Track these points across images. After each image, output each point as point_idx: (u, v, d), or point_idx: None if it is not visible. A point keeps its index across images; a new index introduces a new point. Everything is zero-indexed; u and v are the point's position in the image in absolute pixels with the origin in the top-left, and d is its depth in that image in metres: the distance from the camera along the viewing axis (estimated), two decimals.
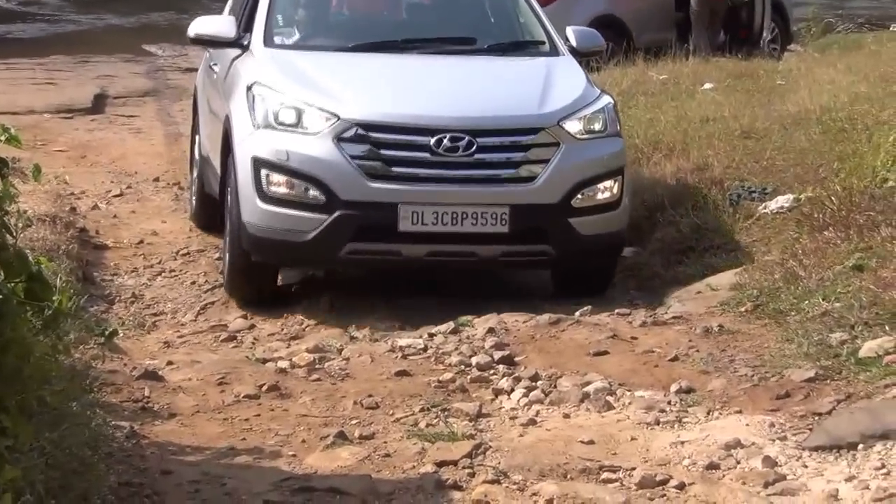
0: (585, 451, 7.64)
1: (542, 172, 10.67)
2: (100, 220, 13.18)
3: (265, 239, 10.65)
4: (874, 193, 10.91)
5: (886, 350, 8.60)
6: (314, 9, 13.15)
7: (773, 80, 17.22)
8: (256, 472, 7.70)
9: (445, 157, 10.57)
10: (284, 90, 10.97)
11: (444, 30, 12.65)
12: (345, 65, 11.81)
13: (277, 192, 10.60)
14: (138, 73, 20.76)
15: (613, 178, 11.05)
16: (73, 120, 17.45)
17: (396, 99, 11.08)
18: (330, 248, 10.60)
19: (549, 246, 10.77)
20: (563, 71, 11.86)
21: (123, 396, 8.75)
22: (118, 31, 24.45)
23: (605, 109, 11.26)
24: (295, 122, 10.70)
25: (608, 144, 11.18)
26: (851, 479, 7.19)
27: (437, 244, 10.61)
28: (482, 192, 10.66)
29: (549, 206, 10.66)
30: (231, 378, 9.14)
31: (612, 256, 11.41)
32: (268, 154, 10.60)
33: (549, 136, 10.80)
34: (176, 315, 10.70)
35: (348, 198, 10.44)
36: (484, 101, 11.24)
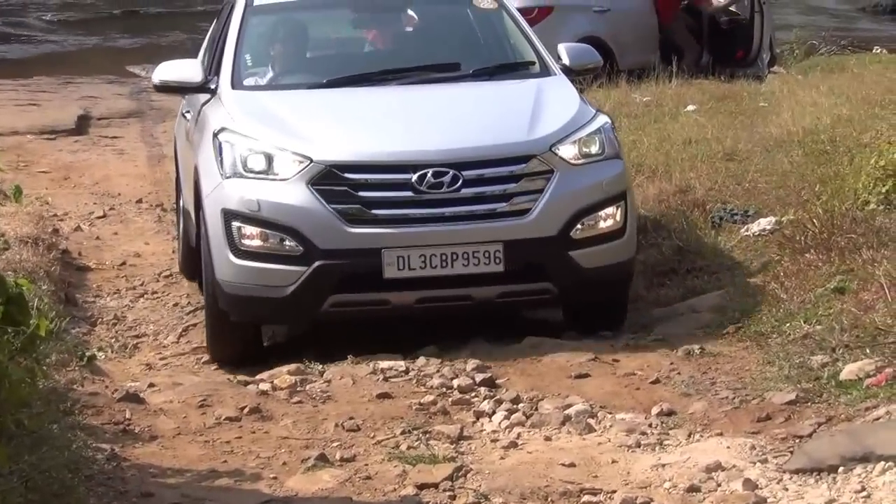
0: (566, 474, 7.65)
1: (537, 204, 9.87)
2: (82, 241, 13.19)
3: (242, 297, 9.93)
4: (856, 216, 10.94)
5: (867, 373, 8.62)
6: (285, 46, 12.16)
7: (755, 103, 17.25)
8: (237, 494, 7.71)
9: (430, 194, 9.81)
10: (253, 134, 10.21)
11: (426, 56, 11.85)
12: (318, 103, 11.08)
13: (251, 245, 9.87)
14: (122, 95, 20.77)
15: (615, 204, 10.21)
16: (56, 141, 17.45)
17: (371, 135, 10.31)
18: (311, 302, 9.89)
19: (549, 283, 10.02)
20: (554, 92, 11.02)
21: (104, 419, 8.75)
22: (102, 53, 24.46)
23: (602, 130, 10.43)
24: (265, 169, 9.96)
25: (607, 168, 10.31)
26: (832, 503, 7.21)
27: (427, 290, 9.86)
28: (472, 230, 9.84)
29: (546, 239, 9.88)
30: (212, 400, 9.14)
31: (620, 289, 10.57)
32: (238, 205, 9.86)
33: (541, 164, 9.99)
34: (158, 337, 10.70)
35: (327, 246, 9.74)
36: (468, 130, 10.43)
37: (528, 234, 9.83)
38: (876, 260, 9.95)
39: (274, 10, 12.22)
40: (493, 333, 10.19)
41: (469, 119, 10.69)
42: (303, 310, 10.01)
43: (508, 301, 10.09)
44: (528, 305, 10.61)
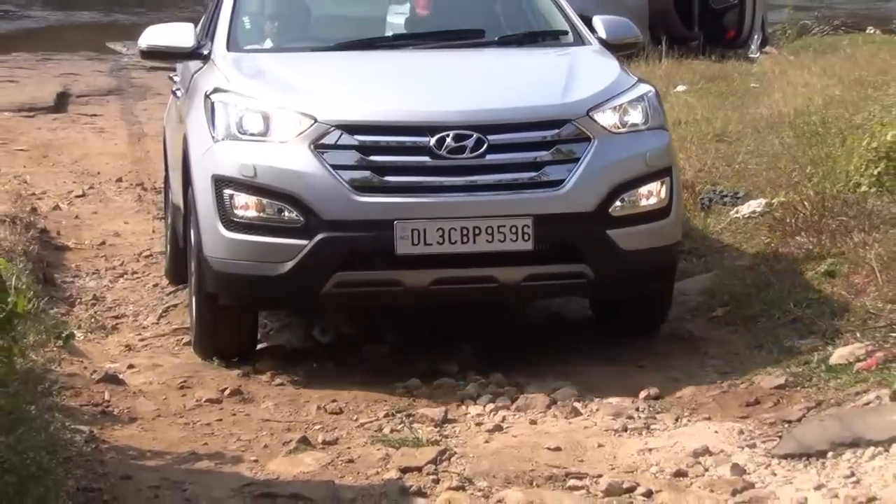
0: (552, 458, 7.65)
1: (572, 174, 8.75)
2: (61, 220, 13.19)
3: (233, 275, 8.90)
4: (847, 198, 10.97)
5: (857, 357, 8.64)
6: (287, 10, 11.26)
7: (746, 83, 17.31)
8: (217, 477, 7.71)
9: (449, 160, 8.70)
10: (250, 93, 9.17)
11: (446, 22, 10.86)
12: (324, 64, 10.08)
13: (245, 216, 8.79)
14: (102, 72, 20.78)
15: (660, 179, 9.13)
16: (34, 119, 17.46)
17: (385, 94, 9.25)
18: (312, 281, 8.73)
19: (584, 266, 8.83)
20: (590, 59, 10.05)
21: (83, 400, 8.78)
22: (82, 29, 24.48)
23: (646, 97, 9.36)
24: (263, 130, 8.88)
25: (651, 139, 9.24)
26: (820, 488, 7.21)
27: (445, 269, 8.71)
28: (497, 202, 8.71)
29: (581, 215, 8.76)
30: (193, 382, 9.17)
31: (663, 279, 9.50)
32: (231, 170, 8.82)
33: (577, 130, 8.87)
34: (137, 318, 10.68)
35: (332, 217, 8.60)
36: (495, 91, 9.38)
37: (561, 208, 8.74)
38: (867, 243, 9.98)
39: None
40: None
41: (495, 81, 9.70)
42: (303, 290, 8.90)
43: (537, 286, 9.04)
44: (558, 292, 9.66)
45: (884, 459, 7.40)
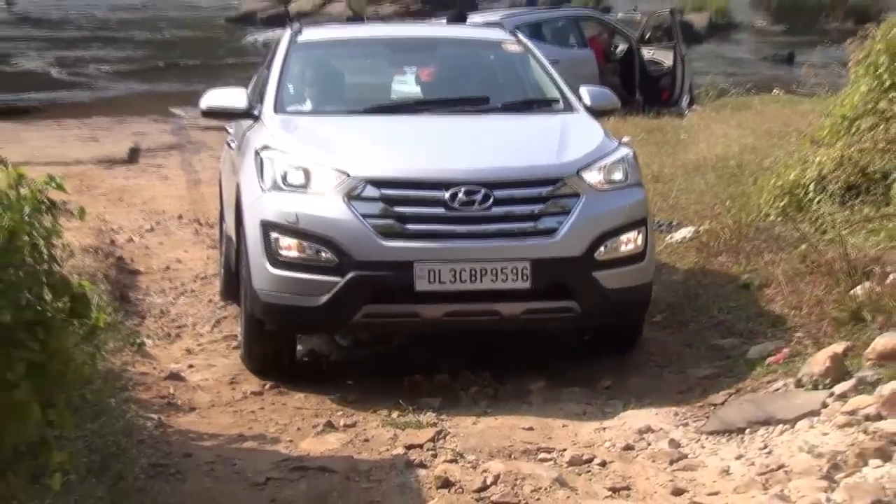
0: (526, 436, 7.64)
1: (563, 224, 8.51)
2: (134, 250, 13.14)
3: (277, 305, 8.64)
4: (759, 226, 10.96)
5: (768, 352, 8.65)
6: (325, 78, 10.86)
7: (677, 135, 17.29)
8: (260, 454, 7.70)
9: (461, 211, 8.45)
10: (293, 151, 8.90)
11: (458, 91, 10.51)
12: (355, 126, 9.61)
13: (288, 255, 8.54)
14: (166, 131, 20.75)
15: (637, 228, 8.86)
16: (112, 169, 17.41)
17: (408, 154, 8.96)
18: (344, 311, 8.47)
19: (573, 302, 8.56)
20: (579, 125, 9.73)
21: (153, 394, 8.76)
22: (149, 97, 24.45)
23: (625, 159, 9.11)
24: (304, 183, 8.63)
25: (630, 194, 8.98)
26: (740, 458, 7.21)
27: (456, 303, 8.45)
28: (501, 247, 8.44)
29: (571, 259, 8.50)
30: (240, 378, 9.16)
31: (639, 311, 9.22)
32: (276, 216, 8.57)
33: (568, 187, 8.65)
34: (196, 327, 10.65)
35: (362, 258, 8.35)
36: (499, 153, 9.06)
37: (554, 253, 8.48)
38: (775, 262, 9.98)
39: (316, 47, 10.99)
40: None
41: (499, 143, 9.32)
42: (336, 319, 8.61)
43: (533, 318, 8.66)
44: (551, 323, 9.15)
45: (790, 434, 7.39)
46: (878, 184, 10.74)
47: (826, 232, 10.09)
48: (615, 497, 6.86)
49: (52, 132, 20.40)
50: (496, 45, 11.12)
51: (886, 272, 8.82)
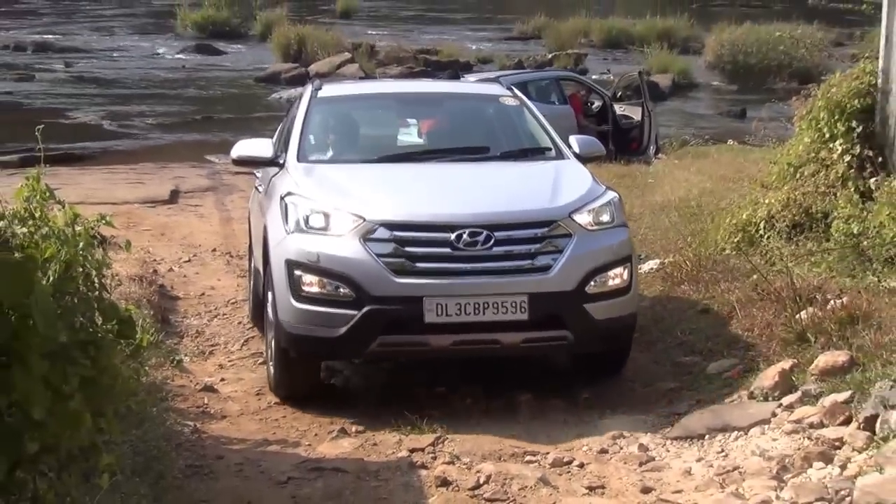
0: (514, 442, 7.63)
1: (557, 262, 8.30)
2: (174, 279, 13.10)
3: (301, 336, 8.42)
4: (716, 259, 10.95)
5: (725, 368, 8.63)
6: (342, 129, 10.53)
7: (645, 179, 17.27)
8: (283, 456, 7.69)
9: (465, 251, 8.24)
10: (314, 197, 8.71)
11: (459, 141, 10.24)
12: (369, 173, 9.36)
13: (310, 291, 8.33)
14: (202, 175, 20.68)
15: (623, 265, 8.64)
16: (155, 208, 17.35)
17: (417, 200, 8.71)
18: (361, 341, 8.25)
19: (567, 331, 8.34)
20: (570, 171, 9.49)
21: (189, 404, 8.73)
22: (188, 146, 24.42)
23: (612, 203, 8.90)
24: (324, 226, 8.44)
25: (616, 234, 8.75)
26: (700, 460, 7.20)
27: (461, 334, 8.20)
28: (501, 283, 8.23)
29: (565, 293, 8.29)
30: (265, 390, 9.11)
31: (625, 339, 8.96)
32: (300, 256, 8.39)
33: (562, 228, 8.43)
34: (227, 345, 10.60)
35: (377, 293, 8.15)
36: (499, 198, 8.82)
37: (549, 287, 8.26)
38: (730, 290, 9.96)
39: (335, 101, 10.71)
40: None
41: (499, 189, 9.10)
42: (353, 348, 8.40)
43: (531, 346, 8.45)
44: (547, 351, 8.96)
45: (744, 440, 7.38)
46: (819, 222, 10.75)
47: (775, 264, 10.08)
48: (591, 494, 6.85)
49: (103, 176, 20.34)
50: (494, 98, 10.88)
51: (827, 299, 8.81)
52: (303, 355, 8.65)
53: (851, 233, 9.96)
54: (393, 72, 34.08)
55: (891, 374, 7.35)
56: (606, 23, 43.69)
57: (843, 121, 11.21)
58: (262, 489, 7.13)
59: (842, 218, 10.22)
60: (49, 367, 4.01)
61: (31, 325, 3.90)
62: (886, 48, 11.00)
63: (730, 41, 34.47)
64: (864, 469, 6.69)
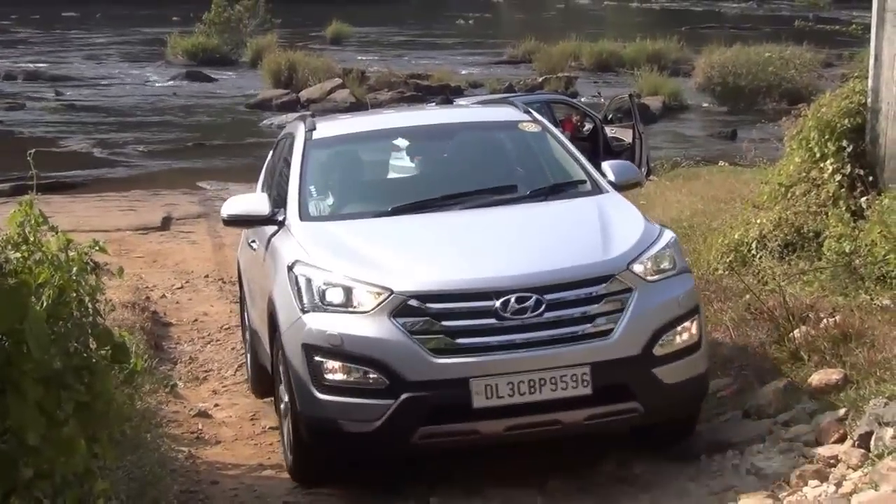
0: None
1: (619, 323, 7.13)
2: (167, 305, 13.13)
3: (328, 430, 7.18)
4: (709, 279, 10.95)
5: (719, 388, 8.64)
6: (346, 175, 9.20)
7: (637, 201, 17.19)
8: (278, 481, 7.76)
9: (513, 320, 7.02)
10: (328, 266, 7.42)
11: (482, 180, 8.76)
12: (387, 231, 8.03)
13: (334, 379, 7.11)
14: (194, 202, 20.70)
15: (691, 318, 7.47)
16: (147, 235, 17.37)
17: (451, 264, 7.39)
18: (400, 434, 7.01)
19: (636, 402, 7.18)
20: (615, 209, 8.22)
21: (183, 429, 8.80)
22: (179, 173, 24.44)
23: (671, 245, 7.71)
24: (344, 302, 7.20)
25: (681, 283, 7.58)
26: (694, 480, 7.23)
27: (516, 417, 7.01)
28: (559, 354, 7.02)
29: (631, 358, 7.13)
30: (260, 415, 9.18)
31: (696, 402, 7.78)
32: (319, 340, 7.14)
33: (620, 283, 7.24)
34: (221, 371, 10.64)
35: (414, 378, 6.94)
36: (545, 253, 7.52)
37: (613, 354, 7.10)
38: (724, 309, 9.96)
39: (333, 143, 9.20)
40: None
41: (543, 241, 7.79)
42: (392, 443, 7.14)
43: (596, 423, 7.27)
44: (615, 426, 7.58)
45: (739, 459, 7.41)
46: (811, 241, 10.78)
47: (767, 283, 10.09)
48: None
49: (95, 204, 20.37)
50: (513, 126, 9.41)
51: (820, 317, 8.84)
52: (332, 454, 7.55)
53: (843, 251, 9.99)
54: (384, 97, 34.15)
55: (885, 391, 7.40)
56: (596, 46, 43.76)
57: (834, 140, 11.25)
58: None
59: (833, 237, 10.25)
60: (43, 393, 4.02)
61: (25, 350, 3.91)
62: (876, 67, 11.05)
63: (720, 63, 34.51)
64: (860, 486, 6.73)
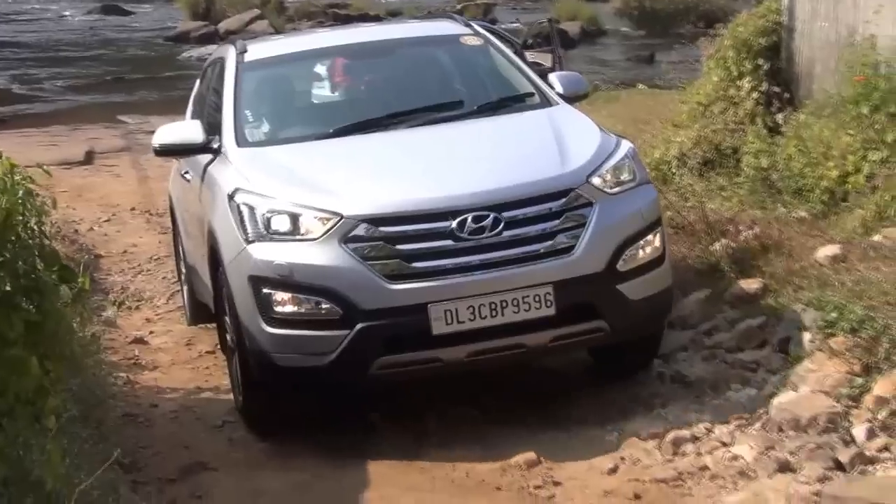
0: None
1: (581, 239, 6.75)
2: (95, 237, 13.12)
3: (279, 367, 6.78)
4: None
5: None
6: (283, 98, 8.71)
7: None
8: (216, 402, 7.88)
9: (471, 240, 6.64)
10: (271, 193, 6.98)
11: (426, 97, 8.31)
12: (332, 153, 7.58)
13: (284, 311, 6.69)
14: (116, 136, 20.53)
15: (653, 231, 7.12)
16: (71, 170, 17.22)
17: (403, 184, 7.00)
18: (357, 366, 6.64)
19: (602, 321, 6.83)
20: (568, 121, 7.83)
21: (121, 356, 8.89)
22: (99, 107, 24.20)
23: (630, 155, 7.36)
24: (291, 229, 6.79)
25: (642, 194, 7.20)
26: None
27: (478, 342, 6.64)
28: (520, 274, 6.64)
29: (594, 275, 6.76)
30: (195, 340, 9.28)
31: (661, 319, 7.48)
32: (266, 270, 6.71)
33: (580, 197, 6.86)
34: (153, 300, 10.69)
35: (369, 306, 6.55)
36: (500, 169, 7.09)
37: (576, 271, 6.72)
38: None
39: (266, 65, 8.66)
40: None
41: (498, 157, 7.35)
42: (349, 376, 6.76)
43: (561, 344, 6.93)
44: (580, 347, 7.32)
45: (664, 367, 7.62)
46: (729, 158, 10.98)
47: (688, 199, 10.26)
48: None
49: (16, 140, 20.06)
50: (454, 40, 8.89)
51: (739, 230, 9.04)
52: (285, 389, 7.10)
53: (761, 166, 10.21)
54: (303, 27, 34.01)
55: (802, 298, 7.63)
56: None
57: (751, 59, 11.50)
58: (199, 433, 7.32)
59: (751, 153, 10.46)
60: None
61: None
62: None
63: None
64: (780, 389, 6.99)
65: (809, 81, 11.07)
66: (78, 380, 6.45)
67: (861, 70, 9.46)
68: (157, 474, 6.66)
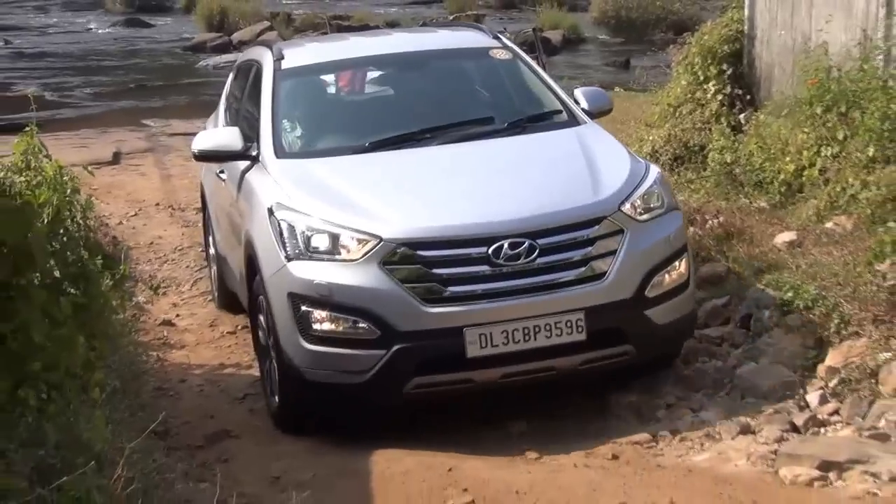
0: None
1: (612, 265, 6.47)
2: (123, 231, 13.21)
3: (317, 383, 6.52)
4: None
5: None
6: (320, 106, 8.38)
7: None
8: (238, 377, 7.99)
9: (506, 266, 6.33)
10: (311, 211, 6.67)
11: (458, 112, 7.96)
12: (369, 170, 7.18)
13: (322, 329, 6.41)
14: (140, 138, 20.57)
15: (680, 257, 6.81)
16: (99, 169, 17.14)
17: (441, 208, 6.63)
18: (392, 386, 6.37)
19: (629, 346, 6.57)
20: (597, 143, 7.43)
21: (150, 337, 8.99)
22: (124, 112, 24.22)
23: (658, 181, 6.99)
24: (330, 249, 6.48)
25: (670, 221, 6.87)
26: None
27: (511, 365, 6.36)
28: (553, 300, 6.37)
29: (624, 301, 6.49)
30: (218, 322, 9.37)
31: (683, 341, 7.24)
32: (306, 289, 6.43)
33: (612, 225, 6.56)
34: (179, 286, 10.79)
35: (406, 328, 6.28)
36: (536, 195, 6.71)
37: (606, 298, 6.44)
38: None
39: (303, 73, 8.33)
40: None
41: (533, 182, 6.93)
42: (383, 394, 6.46)
43: (590, 367, 6.59)
44: (606, 369, 6.77)
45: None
46: (697, 154, 11.14)
47: None
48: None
49: (50, 143, 19.77)
50: (483, 53, 8.52)
51: (706, 219, 9.17)
52: (323, 406, 6.81)
53: (725, 161, 10.34)
54: (311, 37, 34.07)
55: (762, 280, 7.78)
56: None
57: (715, 64, 11.66)
58: (223, 405, 7.44)
59: (716, 149, 10.59)
60: (46, 298, 4.27)
61: (30, 261, 4.17)
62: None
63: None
64: (742, 360, 7.14)
65: (769, 84, 11.22)
66: (116, 357, 6.58)
67: (815, 74, 9.59)
68: (187, 441, 6.80)
